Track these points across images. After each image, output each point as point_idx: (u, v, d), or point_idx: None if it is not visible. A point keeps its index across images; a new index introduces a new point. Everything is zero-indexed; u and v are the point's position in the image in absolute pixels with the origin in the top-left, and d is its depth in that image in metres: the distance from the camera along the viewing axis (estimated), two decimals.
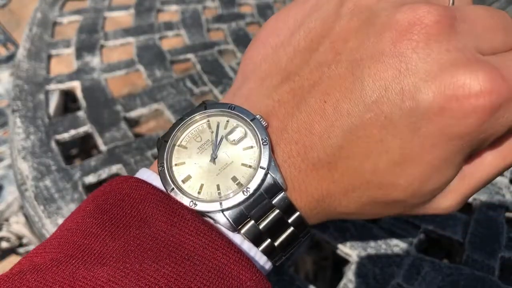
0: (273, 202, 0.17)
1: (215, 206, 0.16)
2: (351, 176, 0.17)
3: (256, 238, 0.17)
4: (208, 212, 0.16)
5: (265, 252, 0.17)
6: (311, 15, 0.18)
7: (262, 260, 0.17)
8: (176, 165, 0.17)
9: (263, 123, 0.17)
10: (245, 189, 0.16)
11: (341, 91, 0.16)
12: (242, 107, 0.18)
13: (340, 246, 0.26)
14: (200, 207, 0.16)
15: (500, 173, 0.18)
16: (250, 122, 0.17)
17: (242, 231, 0.17)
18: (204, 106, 0.18)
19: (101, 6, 0.50)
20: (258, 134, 0.17)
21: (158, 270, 0.14)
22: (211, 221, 0.17)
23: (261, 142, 0.17)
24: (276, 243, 0.17)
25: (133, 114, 0.36)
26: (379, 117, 0.15)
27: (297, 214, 0.17)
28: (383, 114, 0.15)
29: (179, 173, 0.17)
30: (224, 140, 0.18)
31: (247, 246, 0.17)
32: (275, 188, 0.17)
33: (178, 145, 0.18)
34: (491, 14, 0.16)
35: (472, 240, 0.26)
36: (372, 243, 0.26)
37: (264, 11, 0.52)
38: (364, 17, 0.16)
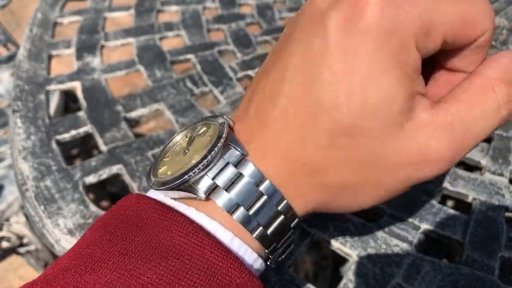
0: (239, 169, 0.18)
1: (182, 175, 0.17)
2: (294, 109, 0.17)
3: (225, 203, 0.17)
4: (177, 182, 0.17)
5: (241, 220, 0.17)
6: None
7: (252, 258, 0.18)
8: (159, 169, 0.20)
9: (229, 121, 0.19)
10: (204, 156, 0.17)
11: (280, 56, 0.19)
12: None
13: (340, 246, 0.26)
14: (168, 177, 0.18)
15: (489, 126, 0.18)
16: (216, 119, 0.19)
17: (212, 197, 0.17)
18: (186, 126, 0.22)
19: (102, 6, 0.50)
20: (218, 122, 0.19)
21: (151, 269, 0.15)
22: (202, 218, 0.17)
23: (219, 125, 0.19)
24: (251, 212, 0.18)
25: (134, 114, 0.36)
26: (304, 50, 0.17)
27: (267, 181, 0.18)
28: (306, 48, 0.17)
29: (160, 173, 0.19)
30: (195, 138, 0.20)
31: (237, 244, 0.17)
32: (236, 155, 0.18)
33: (164, 158, 0.20)
34: None
35: (472, 240, 0.26)
36: (372, 243, 0.26)
37: (264, 12, 0.52)
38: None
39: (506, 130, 0.35)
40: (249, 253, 0.18)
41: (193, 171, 0.17)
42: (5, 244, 0.67)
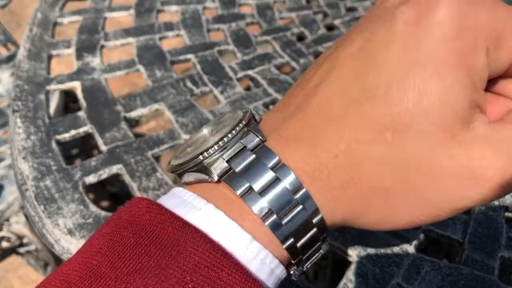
0: (257, 155, 0.16)
1: (197, 155, 0.17)
2: (338, 95, 0.16)
3: (229, 177, 0.16)
4: (192, 162, 0.16)
5: (243, 195, 0.16)
6: None
7: (273, 264, 0.16)
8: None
9: (253, 111, 0.18)
10: (220, 138, 0.17)
11: (336, 48, 0.18)
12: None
13: (340, 246, 0.26)
14: (185, 158, 0.17)
15: None
16: (243, 109, 0.19)
17: (223, 177, 0.16)
18: None
19: (102, 6, 0.50)
20: (243, 111, 0.18)
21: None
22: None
23: (243, 113, 0.18)
24: (256, 188, 0.16)
25: (134, 114, 0.36)
26: (365, 39, 0.16)
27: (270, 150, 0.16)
28: (367, 37, 0.16)
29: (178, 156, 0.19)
30: (219, 127, 0.19)
31: (256, 248, 0.15)
32: (254, 139, 0.17)
33: (187, 148, 0.20)
34: None
35: (472, 240, 0.26)
36: (372, 243, 0.26)
37: (264, 12, 0.52)
38: None
39: None
40: (270, 258, 0.16)
41: (207, 152, 0.16)
42: (5, 244, 0.67)
